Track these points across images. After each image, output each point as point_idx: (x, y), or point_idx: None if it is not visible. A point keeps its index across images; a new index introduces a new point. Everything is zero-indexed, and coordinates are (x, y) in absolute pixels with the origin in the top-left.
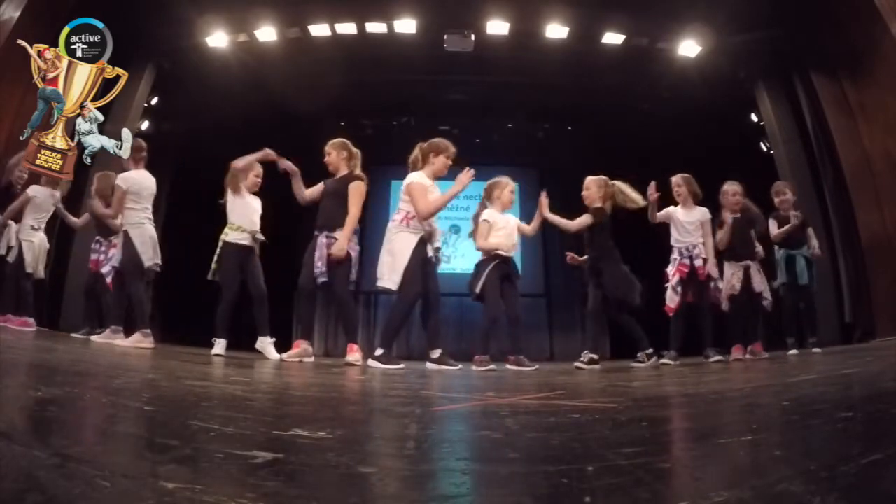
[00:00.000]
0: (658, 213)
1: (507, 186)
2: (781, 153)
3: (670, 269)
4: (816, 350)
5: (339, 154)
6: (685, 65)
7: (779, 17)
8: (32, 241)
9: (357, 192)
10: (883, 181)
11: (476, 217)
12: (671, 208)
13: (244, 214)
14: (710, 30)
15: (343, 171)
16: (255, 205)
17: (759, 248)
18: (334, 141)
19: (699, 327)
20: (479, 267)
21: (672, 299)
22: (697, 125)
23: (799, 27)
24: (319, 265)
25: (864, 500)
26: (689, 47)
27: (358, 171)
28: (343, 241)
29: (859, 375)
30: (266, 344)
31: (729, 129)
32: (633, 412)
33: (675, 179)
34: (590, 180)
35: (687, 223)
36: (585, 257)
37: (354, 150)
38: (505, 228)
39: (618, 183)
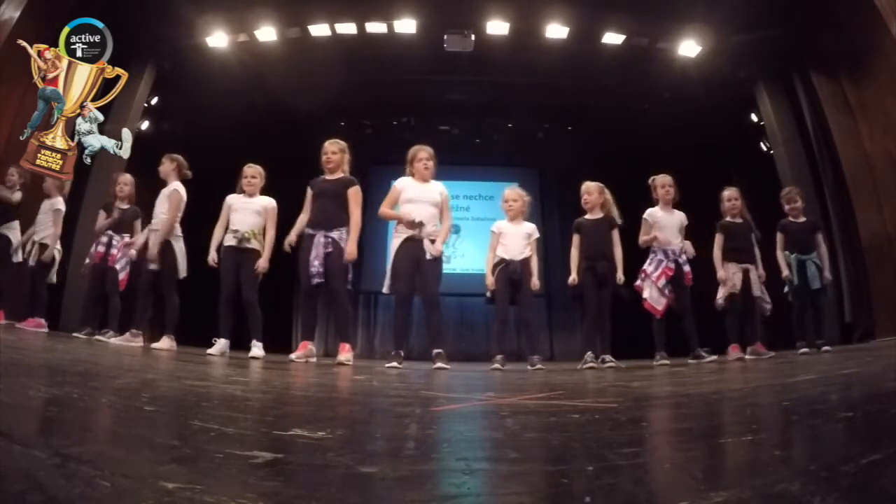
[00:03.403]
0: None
1: (503, 197)
2: (781, 153)
3: (651, 269)
4: (827, 349)
5: (342, 156)
6: (685, 65)
7: (779, 17)
8: (60, 249)
9: (359, 197)
10: (883, 181)
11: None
12: (651, 210)
13: (235, 217)
14: (710, 30)
15: (339, 173)
16: (249, 206)
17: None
18: (338, 142)
19: (683, 330)
20: (493, 272)
21: (660, 301)
22: (698, 125)
23: (799, 27)
24: (316, 264)
25: (864, 500)
26: (689, 47)
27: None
28: (353, 245)
29: (859, 375)
30: (253, 347)
31: (729, 129)
32: (633, 412)
33: (664, 179)
34: (591, 186)
35: (671, 226)
36: (579, 261)
37: (349, 156)
38: (513, 237)
39: (608, 194)
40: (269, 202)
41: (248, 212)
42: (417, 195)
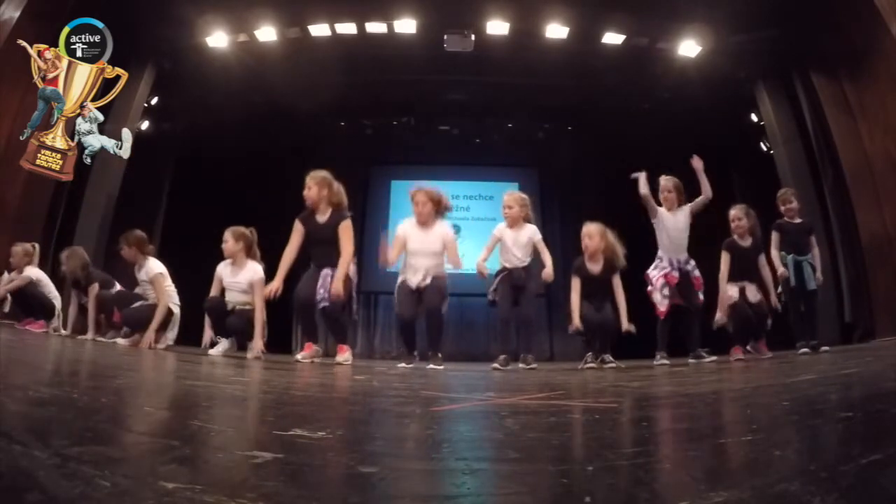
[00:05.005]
0: (652, 206)
1: (503, 201)
2: (781, 153)
3: (654, 274)
4: (825, 349)
5: (320, 191)
6: (685, 65)
7: (779, 17)
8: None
9: (350, 232)
10: (883, 181)
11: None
12: (661, 211)
13: (227, 293)
14: (710, 30)
15: (328, 211)
16: (236, 284)
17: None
18: (316, 175)
19: (687, 329)
20: (496, 276)
21: (662, 303)
22: (698, 125)
23: (799, 27)
24: (321, 292)
25: (864, 500)
26: (689, 47)
27: (342, 204)
28: (339, 282)
29: (859, 375)
30: (250, 347)
31: (729, 129)
32: (633, 412)
33: (665, 183)
34: (593, 229)
35: (678, 230)
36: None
37: (336, 185)
38: (513, 245)
39: (610, 236)
40: (254, 276)
41: (235, 291)
42: (418, 246)
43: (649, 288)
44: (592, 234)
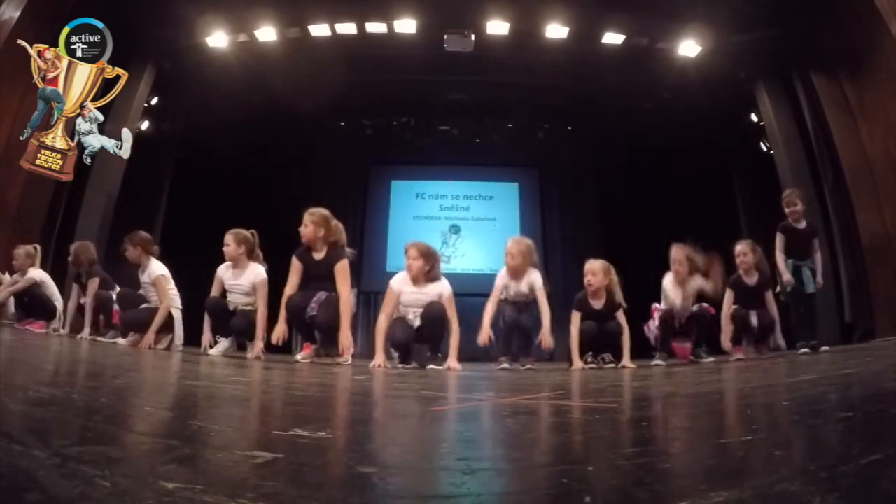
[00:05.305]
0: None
1: (506, 248)
2: (781, 153)
3: (656, 315)
4: (825, 349)
5: (316, 228)
6: (685, 65)
7: (779, 16)
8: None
9: (346, 274)
10: (883, 181)
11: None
12: (664, 283)
13: (229, 296)
14: (710, 30)
15: (323, 249)
16: (238, 286)
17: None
18: (313, 213)
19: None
20: (501, 305)
21: (656, 309)
22: (697, 125)
23: (799, 27)
24: (313, 306)
25: (864, 500)
26: (689, 47)
27: (339, 242)
28: (347, 332)
29: (859, 375)
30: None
31: (729, 129)
32: (633, 412)
33: (676, 255)
34: (596, 266)
35: (681, 304)
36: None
37: (334, 222)
38: (516, 295)
39: (613, 275)
40: (257, 277)
41: (237, 293)
42: (413, 298)
43: (649, 323)
44: (596, 271)
